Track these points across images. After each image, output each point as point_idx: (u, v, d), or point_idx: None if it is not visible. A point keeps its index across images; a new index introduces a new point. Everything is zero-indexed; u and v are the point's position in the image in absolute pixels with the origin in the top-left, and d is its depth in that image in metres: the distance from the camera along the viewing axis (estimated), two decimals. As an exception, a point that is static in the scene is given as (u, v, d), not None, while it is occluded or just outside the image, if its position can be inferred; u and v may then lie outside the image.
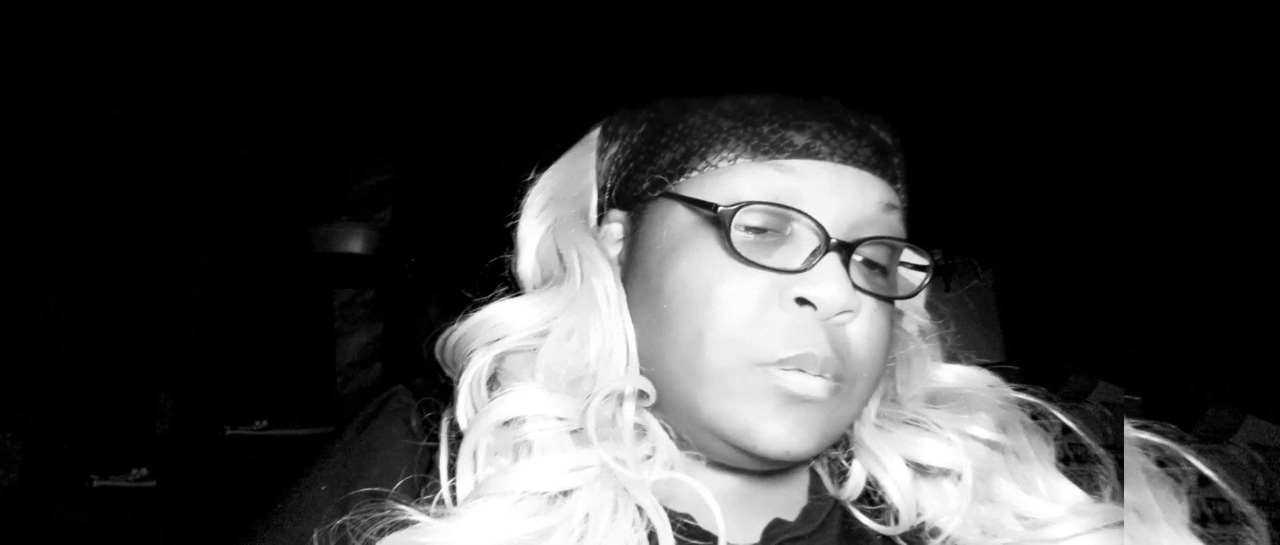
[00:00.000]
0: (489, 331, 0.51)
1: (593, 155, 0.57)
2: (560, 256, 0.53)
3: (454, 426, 0.49)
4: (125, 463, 2.23)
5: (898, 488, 0.53)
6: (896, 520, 0.53)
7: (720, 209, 0.49)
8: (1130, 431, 0.51)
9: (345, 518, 0.45)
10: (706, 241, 0.49)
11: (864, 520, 0.54)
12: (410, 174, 2.65)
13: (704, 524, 0.49)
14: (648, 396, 0.49)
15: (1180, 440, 0.51)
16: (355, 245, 2.59)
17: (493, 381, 0.49)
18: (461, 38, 1.99)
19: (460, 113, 2.31)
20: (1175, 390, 1.53)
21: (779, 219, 0.49)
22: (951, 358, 0.59)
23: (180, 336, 2.45)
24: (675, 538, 0.45)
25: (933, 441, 0.53)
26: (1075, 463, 0.55)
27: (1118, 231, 1.62)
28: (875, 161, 0.51)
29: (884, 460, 0.53)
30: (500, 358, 0.50)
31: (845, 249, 0.48)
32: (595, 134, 0.58)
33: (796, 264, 0.48)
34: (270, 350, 2.59)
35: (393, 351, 2.54)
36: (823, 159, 0.50)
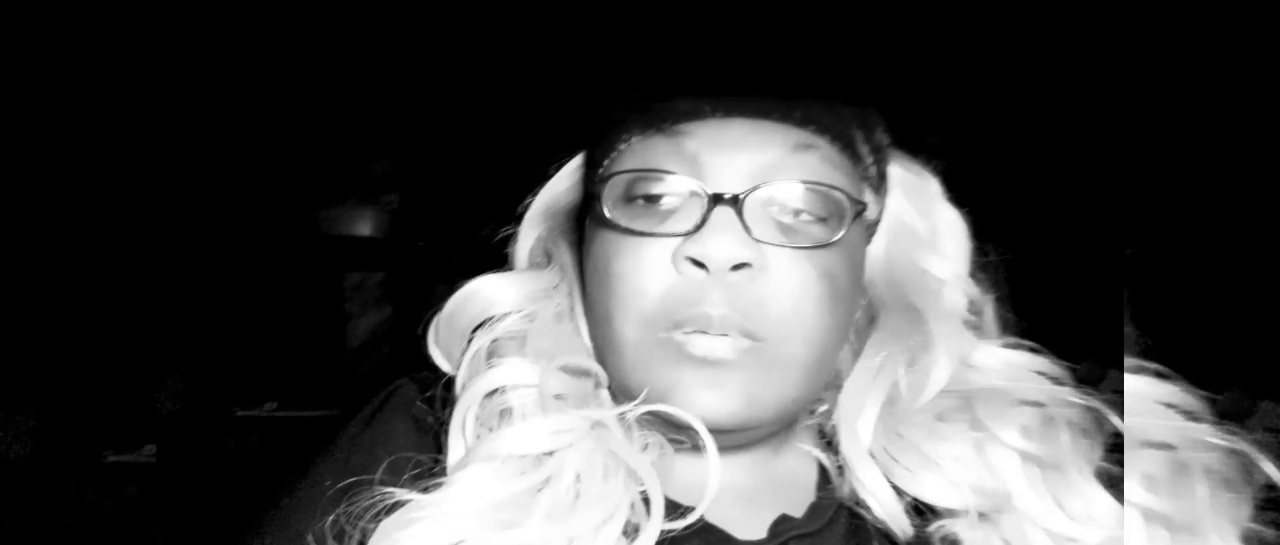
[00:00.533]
0: (477, 304, 0.52)
1: (581, 171, 0.58)
2: (547, 255, 0.56)
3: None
4: (137, 440, 2.26)
5: (884, 510, 0.48)
6: (902, 527, 0.49)
7: (594, 185, 0.49)
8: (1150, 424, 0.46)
9: (340, 509, 0.45)
10: (603, 222, 0.49)
11: (881, 513, 0.49)
12: (419, 157, 2.65)
13: (709, 516, 0.48)
14: (600, 382, 0.49)
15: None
16: (364, 228, 2.60)
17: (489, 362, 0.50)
18: (469, 20, 1.98)
19: (468, 96, 2.30)
20: (1187, 376, 1.52)
21: (666, 184, 0.48)
22: (1006, 329, 0.52)
23: (190, 318, 2.47)
24: (667, 500, 0.45)
25: (935, 479, 0.47)
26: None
27: (1127, 218, 1.60)
28: (772, 108, 0.49)
29: (869, 485, 0.49)
30: (495, 341, 0.50)
31: (734, 201, 0.46)
32: (582, 156, 0.59)
33: (687, 226, 0.46)
34: (280, 332, 2.61)
35: (402, 334, 2.55)
36: (706, 117, 0.49)
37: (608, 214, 0.48)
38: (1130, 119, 1.51)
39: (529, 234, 0.57)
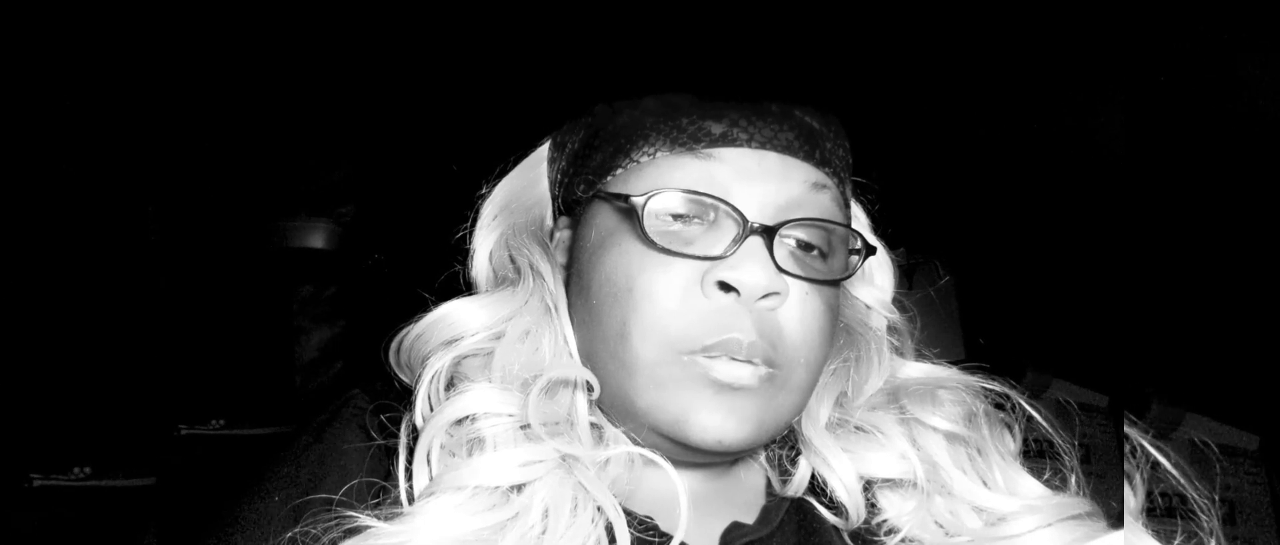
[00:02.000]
0: (444, 330, 0.51)
1: (544, 166, 0.58)
2: (512, 263, 0.54)
3: (413, 430, 0.48)
4: (67, 461, 2.15)
5: (845, 489, 0.52)
6: (848, 517, 0.53)
7: (632, 198, 0.49)
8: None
9: (297, 529, 0.44)
10: (628, 235, 0.49)
11: (822, 512, 0.54)
12: (374, 169, 2.61)
13: (663, 524, 0.49)
14: (593, 389, 0.49)
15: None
16: (317, 240, 2.54)
17: (450, 384, 0.49)
18: (425, 30, 1.97)
19: (425, 107, 2.28)
20: (1122, 387, 1.60)
21: (701, 207, 0.49)
22: (919, 356, 0.59)
23: (130, 330, 2.38)
24: (632, 534, 0.45)
25: (882, 455, 0.53)
26: (1036, 457, 0.56)
27: (1074, 233, 1.66)
28: (798, 145, 0.51)
29: (831, 461, 0.53)
30: (458, 361, 0.50)
31: (767, 232, 0.48)
32: (546, 146, 0.59)
33: (718, 250, 0.48)
34: (227, 347, 2.53)
35: (354, 349, 2.50)
36: (741, 146, 0.50)
37: (645, 229, 0.48)
38: (1088, 124, 1.57)
39: (487, 236, 0.56)
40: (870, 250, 0.54)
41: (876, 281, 0.60)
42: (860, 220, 0.60)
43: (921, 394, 0.55)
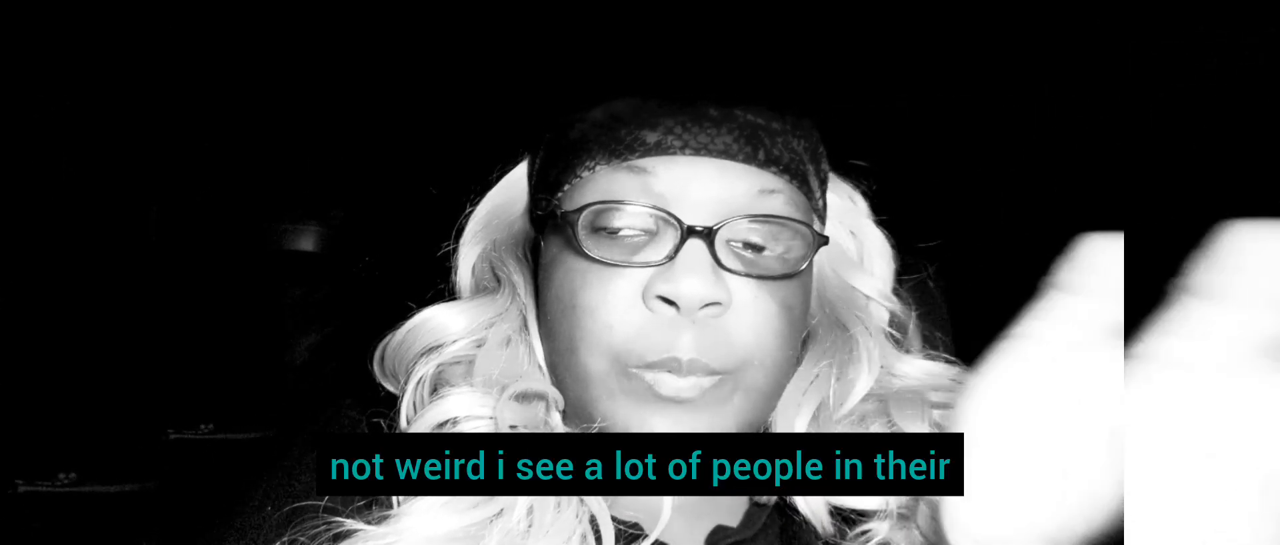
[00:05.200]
0: (426, 335, 0.52)
1: (525, 182, 0.58)
2: (494, 275, 0.55)
3: None
4: (52, 467, 2.13)
5: (809, 508, 0.51)
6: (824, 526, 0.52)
7: (561, 213, 0.50)
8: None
9: (287, 536, 0.44)
10: (571, 250, 0.49)
11: (805, 512, 0.53)
12: (364, 172, 2.60)
13: (648, 525, 0.49)
14: (557, 403, 0.50)
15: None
16: (307, 244, 2.53)
17: (434, 389, 0.50)
18: (413, 33, 1.97)
19: (415, 110, 2.28)
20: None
21: (638, 218, 0.49)
22: (926, 346, 0.58)
23: (117, 333, 2.36)
24: (617, 527, 0.46)
25: None
26: None
27: (1066, 234, 1.67)
28: (737, 148, 0.50)
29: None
30: (441, 368, 0.50)
31: (708, 234, 0.47)
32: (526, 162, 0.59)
33: (659, 258, 0.47)
34: (216, 350, 2.52)
35: (344, 353, 2.49)
36: (674, 153, 0.49)
37: (581, 244, 0.48)
38: (1072, 125, 1.58)
39: (470, 251, 0.57)
40: (821, 241, 0.52)
41: (875, 270, 0.58)
42: (859, 206, 0.59)
43: (913, 404, 0.53)
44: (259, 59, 2.09)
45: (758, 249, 0.49)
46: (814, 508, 0.51)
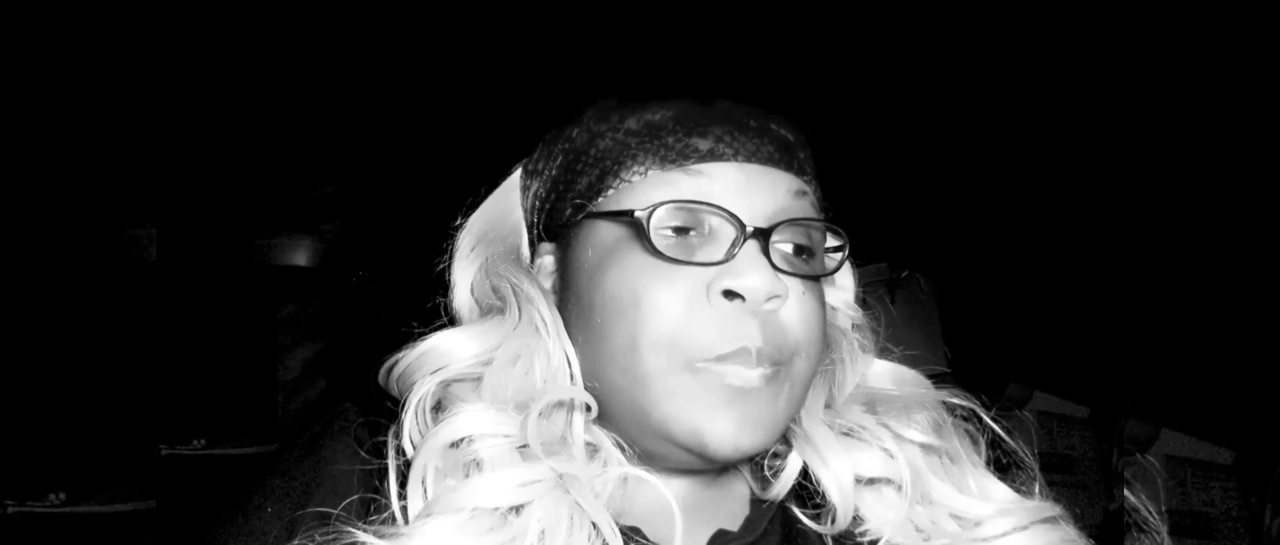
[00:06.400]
0: (433, 360, 0.52)
1: (516, 194, 0.59)
2: (495, 291, 0.55)
3: (401, 450, 0.48)
4: (42, 487, 2.11)
5: (838, 486, 0.54)
6: (834, 520, 0.54)
7: (637, 213, 0.51)
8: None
9: (293, 542, 0.44)
10: (629, 250, 0.51)
11: (805, 522, 0.55)
12: (358, 185, 2.60)
13: (654, 537, 0.50)
14: (592, 410, 0.50)
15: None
16: (300, 258, 2.53)
17: (437, 407, 0.49)
18: (413, 45, 1.98)
19: (409, 123, 2.28)
20: (1103, 400, 1.61)
21: (696, 218, 0.51)
22: (884, 352, 0.61)
23: (108, 349, 2.35)
24: (625, 530, 0.46)
25: (870, 455, 0.55)
26: (998, 471, 0.59)
27: (1056, 247, 1.68)
28: (778, 157, 0.54)
29: (828, 457, 0.54)
30: (445, 384, 0.50)
31: (762, 235, 0.50)
32: (517, 174, 0.60)
33: (719, 257, 0.50)
34: (209, 365, 2.50)
35: (338, 368, 2.48)
36: (727, 160, 0.52)
37: (653, 241, 0.50)
38: (1074, 133, 1.59)
39: (468, 265, 0.57)
40: (849, 244, 0.56)
41: (840, 283, 0.63)
42: None
43: (894, 405, 0.57)
44: (252, 74, 2.09)
45: (801, 251, 0.53)
46: (843, 484, 0.53)
